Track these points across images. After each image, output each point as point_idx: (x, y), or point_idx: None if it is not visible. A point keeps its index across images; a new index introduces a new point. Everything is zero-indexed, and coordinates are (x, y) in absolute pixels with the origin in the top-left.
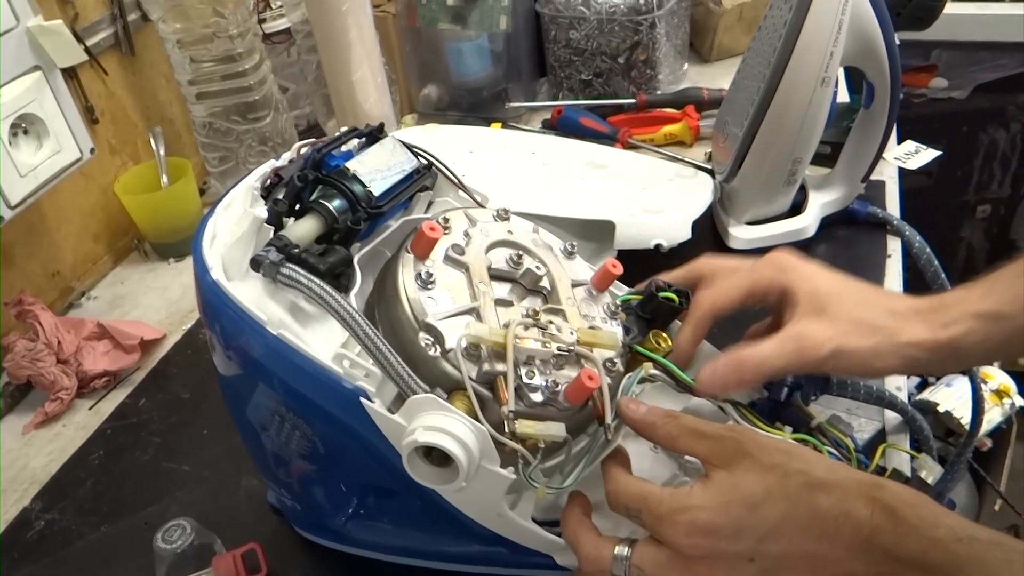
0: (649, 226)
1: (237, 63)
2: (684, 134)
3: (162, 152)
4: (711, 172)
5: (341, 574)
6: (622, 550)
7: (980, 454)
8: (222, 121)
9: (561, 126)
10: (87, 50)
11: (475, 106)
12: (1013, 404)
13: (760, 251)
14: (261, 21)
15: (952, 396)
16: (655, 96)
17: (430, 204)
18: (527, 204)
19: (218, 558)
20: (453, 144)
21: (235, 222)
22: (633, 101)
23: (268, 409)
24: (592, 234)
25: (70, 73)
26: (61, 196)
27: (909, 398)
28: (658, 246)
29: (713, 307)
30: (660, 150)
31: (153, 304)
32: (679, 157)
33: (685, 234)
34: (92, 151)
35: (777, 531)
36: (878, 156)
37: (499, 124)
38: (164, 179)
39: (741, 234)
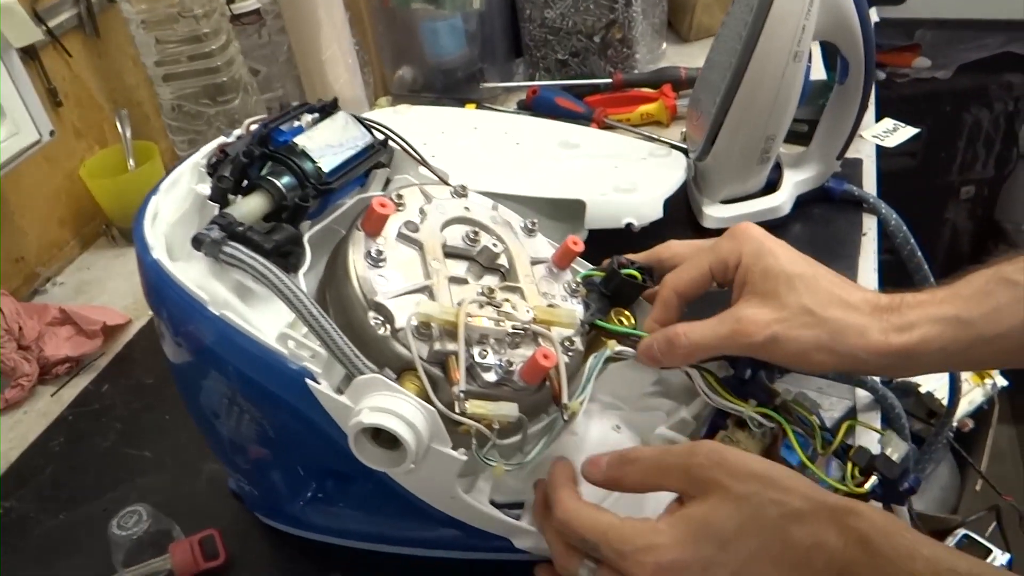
0: (620, 205)
1: (204, 43)
2: (661, 114)
3: (128, 135)
4: (685, 151)
5: (300, 560)
6: (588, 568)
7: (962, 435)
8: (191, 104)
9: (536, 107)
10: (49, 31)
11: (450, 87)
12: (995, 385)
13: None
14: (229, 1)
15: (933, 377)
16: (632, 75)
17: (388, 182)
18: (497, 184)
19: (175, 544)
20: (425, 125)
21: (180, 200)
22: (609, 81)
23: (216, 392)
24: (563, 214)
25: (30, 54)
26: (24, 180)
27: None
28: (629, 225)
29: (676, 288)
30: (636, 130)
31: (120, 289)
32: (655, 137)
33: (656, 213)
34: (52, 133)
35: (748, 566)
36: (853, 133)
37: (473, 105)
38: (131, 162)
39: (715, 213)
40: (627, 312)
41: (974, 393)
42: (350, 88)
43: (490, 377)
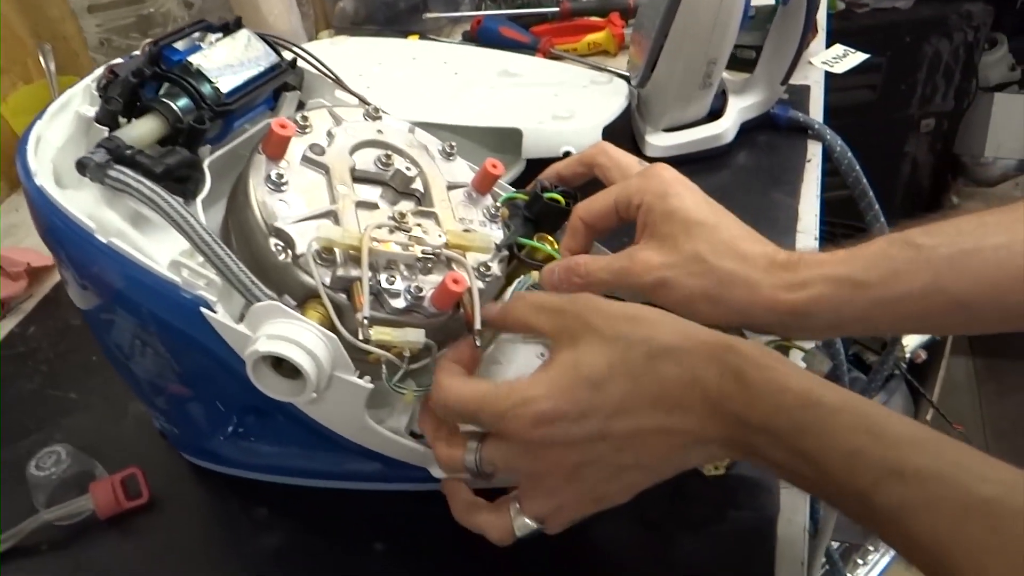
0: (558, 133)
1: None
2: (608, 43)
3: (53, 70)
4: (628, 78)
5: (227, 496)
6: (472, 444)
7: (915, 366)
8: (119, 38)
9: (481, 37)
10: None
11: (393, 19)
12: None
13: (676, 159)
14: None
15: None
16: (579, 4)
17: (302, 106)
18: (433, 114)
19: (95, 484)
20: (362, 56)
21: (68, 125)
22: (556, 10)
23: (118, 326)
24: (503, 144)
25: None
26: None
27: None
28: (567, 153)
29: (583, 216)
30: (583, 60)
31: None
32: (601, 66)
33: (595, 140)
34: None
35: (624, 407)
36: (798, 57)
37: (416, 36)
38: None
39: (657, 141)
40: (551, 237)
41: None
42: (286, 21)
43: (398, 303)
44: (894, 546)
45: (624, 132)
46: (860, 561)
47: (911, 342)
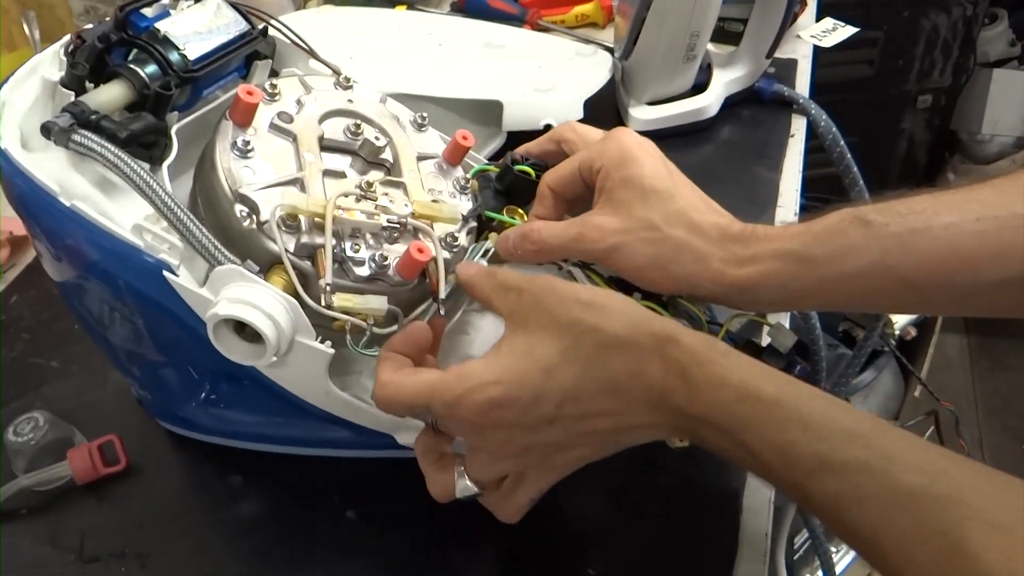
0: (539, 106)
1: None
2: (596, 15)
3: (37, 37)
4: (612, 51)
5: (203, 463)
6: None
7: (905, 343)
8: (104, 5)
9: (469, 8)
10: None
11: None
12: None
13: (660, 133)
14: None
15: None
16: None
17: (276, 74)
18: (413, 85)
19: (73, 450)
20: (346, 26)
21: (35, 89)
22: None
23: (88, 293)
24: (485, 117)
25: None
26: None
27: None
28: (548, 126)
29: (549, 183)
30: (571, 32)
31: None
32: (587, 39)
33: (576, 113)
34: None
35: (574, 394)
36: (783, 29)
37: (404, 7)
38: None
39: (640, 115)
40: (521, 210)
41: None
42: None
43: (363, 271)
44: (835, 534)
45: (609, 105)
46: None
47: (900, 320)
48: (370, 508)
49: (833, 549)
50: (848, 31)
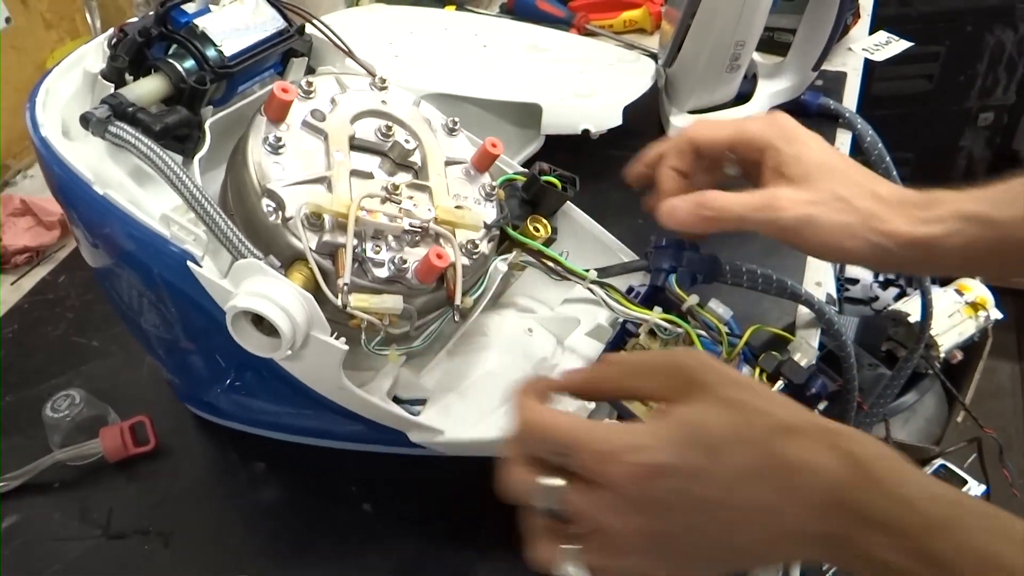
0: (578, 110)
1: None
2: (644, 20)
3: (98, 26)
4: (656, 57)
5: (228, 449)
6: (554, 482)
7: (951, 366)
8: None
9: (517, 9)
10: None
11: None
12: (988, 317)
13: None
14: None
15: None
16: None
17: (312, 71)
18: (456, 86)
19: (105, 429)
20: (394, 24)
21: (77, 80)
22: None
23: (117, 276)
24: (524, 119)
25: None
26: None
27: (838, 297)
28: (586, 131)
29: (696, 138)
30: (617, 37)
31: None
32: (632, 44)
33: (615, 120)
34: (8, 20)
35: (739, 477)
36: (831, 42)
37: (453, 7)
38: None
39: (681, 123)
40: (544, 220)
41: (965, 324)
42: None
43: (381, 272)
44: None
45: (651, 112)
46: None
47: (946, 342)
48: (386, 502)
49: None
50: (902, 45)
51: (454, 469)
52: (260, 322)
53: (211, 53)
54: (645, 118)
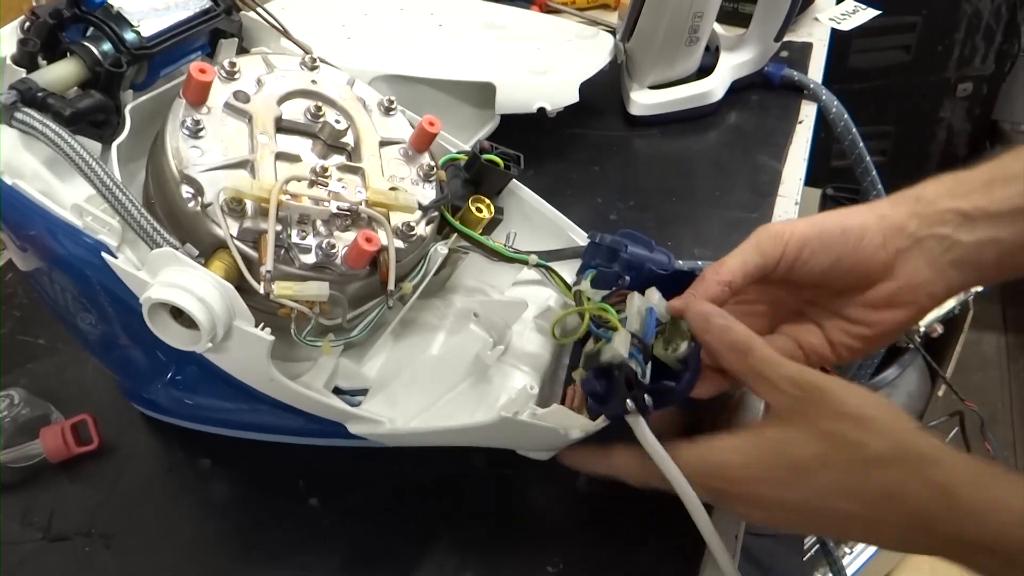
0: (533, 88)
1: None
2: None
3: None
4: (614, 32)
5: (175, 447)
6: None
7: (931, 340)
8: None
9: None
10: None
11: None
12: (968, 290)
13: (662, 118)
14: None
15: None
16: None
17: (244, 53)
18: (409, 67)
19: (46, 429)
20: (349, 5)
21: None
22: None
23: (42, 273)
24: (481, 99)
25: None
26: None
27: None
28: (541, 110)
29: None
30: (581, 13)
31: None
32: (596, 21)
33: (572, 97)
34: None
35: (833, 494)
36: (792, 10)
37: None
38: None
39: (642, 99)
40: (487, 200)
41: None
42: None
43: (308, 259)
44: None
45: (612, 90)
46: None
47: (927, 316)
48: (332, 496)
49: (847, 550)
50: (869, 14)
51: (403, 459)
52: (180, 314)
53: (128, 35)
54: (606, 95)
